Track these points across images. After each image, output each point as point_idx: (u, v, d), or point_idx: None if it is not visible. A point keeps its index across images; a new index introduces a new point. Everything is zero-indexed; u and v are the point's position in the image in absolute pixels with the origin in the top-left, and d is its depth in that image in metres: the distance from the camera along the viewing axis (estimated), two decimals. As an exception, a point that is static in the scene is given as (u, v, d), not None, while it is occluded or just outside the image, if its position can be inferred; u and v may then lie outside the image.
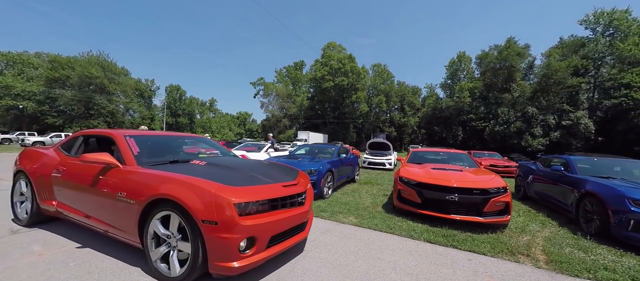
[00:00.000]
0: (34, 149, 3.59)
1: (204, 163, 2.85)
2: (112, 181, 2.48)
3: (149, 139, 3.24)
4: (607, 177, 4.24)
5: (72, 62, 42.05)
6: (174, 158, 2.94)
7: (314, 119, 50.24)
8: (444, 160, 5.83)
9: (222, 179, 2.24)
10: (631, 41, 32.40)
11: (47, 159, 3.24)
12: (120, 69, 49.60)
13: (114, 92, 46.27)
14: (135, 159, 2.60)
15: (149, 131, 3.85)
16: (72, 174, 2.87)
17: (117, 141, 2.84)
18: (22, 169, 3.36)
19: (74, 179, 2.82)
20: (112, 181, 2.48)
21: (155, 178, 2.30)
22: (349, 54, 47.40)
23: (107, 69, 45.27)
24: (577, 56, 35.66)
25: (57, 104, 40.59)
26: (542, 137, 34.65)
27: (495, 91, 41.23)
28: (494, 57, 41.17)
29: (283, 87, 56.96)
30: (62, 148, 3.34)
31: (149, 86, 54.75)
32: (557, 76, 34.09)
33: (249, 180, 2.44)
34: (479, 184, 3.92)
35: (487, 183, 3.94)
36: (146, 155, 2.80)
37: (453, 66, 47.19)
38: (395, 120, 49.15)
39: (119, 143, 2.80)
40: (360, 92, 47.30)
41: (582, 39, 37.67)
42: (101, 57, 46.51)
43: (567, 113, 34.11)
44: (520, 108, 36.85)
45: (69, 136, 3.49)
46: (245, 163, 3.31)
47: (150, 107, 54.37)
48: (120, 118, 46.85)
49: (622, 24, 34.09)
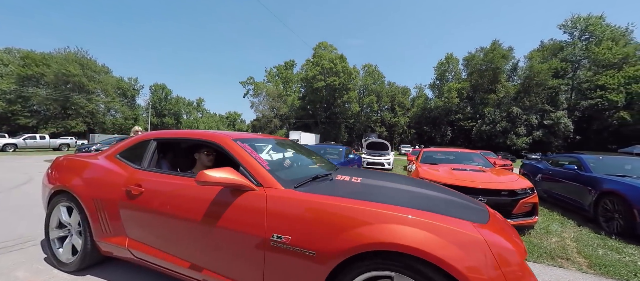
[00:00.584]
0: (79, 159, 2.48)
1: (359, 180, 1.96)
2: (252, 214, 1.54)
3: (256, 142, 2.25)
4: (623, 175, 4.31)
5: (47, 59, 39.41)
6: (313, 173, 2.01)
7: (306, 119, 49.95)
8: (458, 160, 5.60)
9: (453, 212, 1.43)
10: (605, 45, 34.52)
11: (105, 173, 2.19)
12: (101, 66, 47.09)
13: (94, 91, 43.82)
14: (276, 178, 1.67)
15: (249, 134, 2.50)
16: (161, 199, 1.87)
17: (230, 148, 1.87)
18: (64, 188, 2.27)
19: (167, 208, 1.83)
20: (252, 214, 1.54)
21: (347, 210, 1.38)
22: (341, 54, 47.51)
23: (86, 66, 42.80)
24: (557, 58, 37.58)
25: (31, 103, 37.90)
26: (526, 137, 36.21)
27: (481, 92, 42.65)
28: (480, 59, 42.62)
29: (273, 87, 56.23)
30: (123, 157, 2.28)
31: (132, 84, 52.40)
32: (539, 77, 35.75)
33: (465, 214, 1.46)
34: (506, 185, 3.73)
35: (513, 183, 3.77)
36: (280, 170, 1.97)
37: (441, 67, 48.43)
38: (386, 120, 49.78)
39: (234, 151, 1.84)
40: (352, 92, 47.52)
41: (560, 43, 39.74)
42: (79, 54, 43.92)
43: (549, 113, 35.85)
44: (505, 108, 38.31)
45: (127, 141, 2.42)
46: (415, 183, 2.15)
47: (133, 107, 52.03)
48: (101, 118, 44.47)
49: (596, 29, 36.22)
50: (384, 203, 1.42)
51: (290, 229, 1.42)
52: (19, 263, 2.35)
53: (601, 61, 34.38)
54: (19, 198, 4.77)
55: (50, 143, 21.67)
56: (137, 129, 6.24)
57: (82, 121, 40.75)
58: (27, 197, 4.81)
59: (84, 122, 41.12)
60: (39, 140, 20.89)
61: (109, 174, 2.17)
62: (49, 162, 10.91)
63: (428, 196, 1.74)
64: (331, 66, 45.12)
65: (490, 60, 40.59)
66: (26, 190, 5.42)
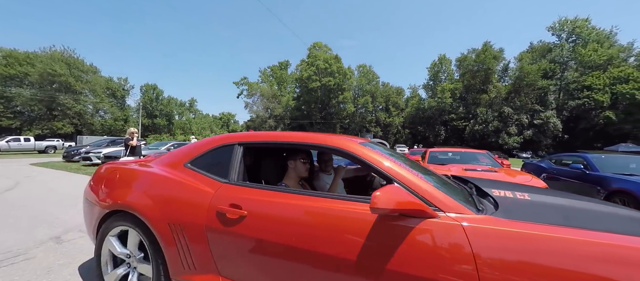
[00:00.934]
0: (138, 169, 1.93)
1: (527, 196, 1.53)
2: (447, 256, 1.02)
3: None
4: (630, 174, 4.34)
5: (31, 57, 37.93)
6: (464, 189, 1.64)
7: (301, 119, 49.76)
8: (465, 160, 5.46)
9: None
10: (591, 47, 35.72)
11: (181, 188, 1.64)
12: (89, 66, 45.64)
13: (81, 91, 42.42)
14: (457, 200, 1.17)
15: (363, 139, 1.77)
16: (277, 227, 1.33)
17: (367, 157, 1.36)
18: (125, 207, 1.70)
19: (287, 240, 1.28)
20: (447, 256, 1.02)
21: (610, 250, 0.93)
22: (335, 55, 47.56)
23: (73, 65, 41.39)
24: (546, 60, 38.67)
25: (14, 104, 36.36)
26: (517, 136, 37.06)
27: (473, 92, 43.43)
28: (472, 60, 43.42)
29: (268, 88, 55.80)
30: (198, 167, 1.72)
31: (121, 84, 51.00)
32: (529, 78, 36.69)
33: None
34: None
35: (528, 184, 3.82)
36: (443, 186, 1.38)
37: (434, 68, 49.08)
38: (381, 120, 50.07)
39: (377, 162, 1.34)
40: (347, 92, 47.60)
41: (549, 44, 40.92)
42: (66, 52, 42.47)
43: (538, 113, 36.80)
44: (497, 108, 39.12)
45: (196, 146, 1.87)
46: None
47: (123, 108, 50.64)
48: (89, 120, 43.05)
49: (583, 32, 37.42)
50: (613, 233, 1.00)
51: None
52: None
53: (587, 62, 35.56)
54: (4, 205, 4.44)
55: (36, 145, 20.78)
56: (133, 130, 5.96)
57: (69, 122, 39.36)
58: (12, 205, 4.49)
59: (71, 124, 39.73)
60: (23, 142, 20.00)
61: (186, 189, 1.62)
62: (35, 166, 10.38)
63: (617, 215, 1.36)
64: (326, 66, 45.09)
65: (482, 61, 41.40)
66: (11, 197, 5.07)
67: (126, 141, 6.05)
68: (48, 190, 5.69)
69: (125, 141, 6.12)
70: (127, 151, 5.99)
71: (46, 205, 4.43)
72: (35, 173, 8.27)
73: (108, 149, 10.76)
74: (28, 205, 4.40)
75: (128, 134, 6.05)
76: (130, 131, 6.00)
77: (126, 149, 6.02)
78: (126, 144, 6.02)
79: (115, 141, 13.72)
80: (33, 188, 5.87)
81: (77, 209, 4.10)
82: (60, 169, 9.54)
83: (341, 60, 47.28)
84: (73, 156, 12.04)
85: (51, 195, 5.23)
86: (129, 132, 6.07)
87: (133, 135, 5.97)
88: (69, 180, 7.13)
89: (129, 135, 6.05)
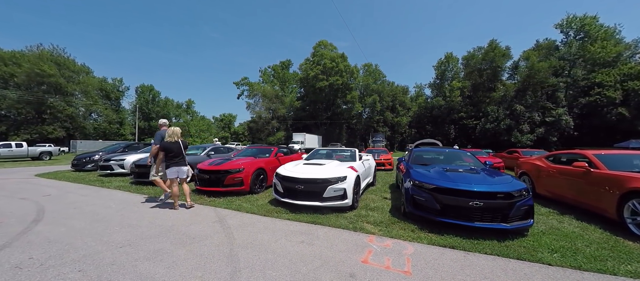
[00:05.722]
0: None
1: None
2: None
3: None
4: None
5: (17, 57, 35.12)
6: None
7: (306, 120, 48.19)
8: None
9: None
10: (599, 45, 35.76)
11: None
12: (80, 66, 42.88)
13: (73, 92, 39.69)
14: None
15: None
16: None
17: None
18: None
19: None
20: None
21: None
22: (342, 53, 46.29)
23: (63, 66, 38.67)
24: (554, 57, 38.53)
25: (-2, 107, 33.51)
26: (530, 133, 36.69)
27: (481, 90, 42.99)
28: (479, 59, 42.98)
29: (270, 88, 53.97)
30: None
31: (116, 86, 48.30)
32: (539, 76, 36.41)
33: None
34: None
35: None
36: None
37: (441, 67, 48.48)
38: (388, 120, 49.14)
39: None
40: (354, 92, 46.42)
41: (555, 42, 40.89)
42: (55, 52, 39.63)
43: (549, 110, 36.54)
44: (508, 106, 38.71)
45: None
46: None
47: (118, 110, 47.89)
48: (81, 123, 40.28)
49: (591, 29, 37.46)
50: None
51: None
52: None
53: (596, 59, 35.54)
54: (56, 260, 2.86)
55: (29, 151, 18.59)
56: (215, 140, 4.55)
57: (60, 125, 36.61)
58: (64, 257, 2.93)
59: (63, 127, 36.98)
60: (15, 148, 17.81)
61: None
62: (43, 177, 8.58)
63: None
64: (333, 65, 43.75)
65: (491, 59, 40.97)
66: (46, 234, 3.43)
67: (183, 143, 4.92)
68: (94, 221, 4.03)
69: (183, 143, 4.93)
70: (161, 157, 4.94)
71: (118, 255, 2.90)
72: (52, 189, 6.58)
73: (134, 156, 9.08)
74: (92, 254, 2.86)
75: (169, 135, 4.80)
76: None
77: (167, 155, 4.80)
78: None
79: (131, 145, 11.93)
80: (72, 219, 4.17)
81: (172, 260, 2.61)
82: (77, 181, 7.84)
83: (347, 58, 46.07)
84: (85, 165, 10.29)
85: (109, 232, 3.66)
86: (174, 132, 4.83)
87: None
88: (106, 200, 5.49)
89: (170, 136, 4.78)
